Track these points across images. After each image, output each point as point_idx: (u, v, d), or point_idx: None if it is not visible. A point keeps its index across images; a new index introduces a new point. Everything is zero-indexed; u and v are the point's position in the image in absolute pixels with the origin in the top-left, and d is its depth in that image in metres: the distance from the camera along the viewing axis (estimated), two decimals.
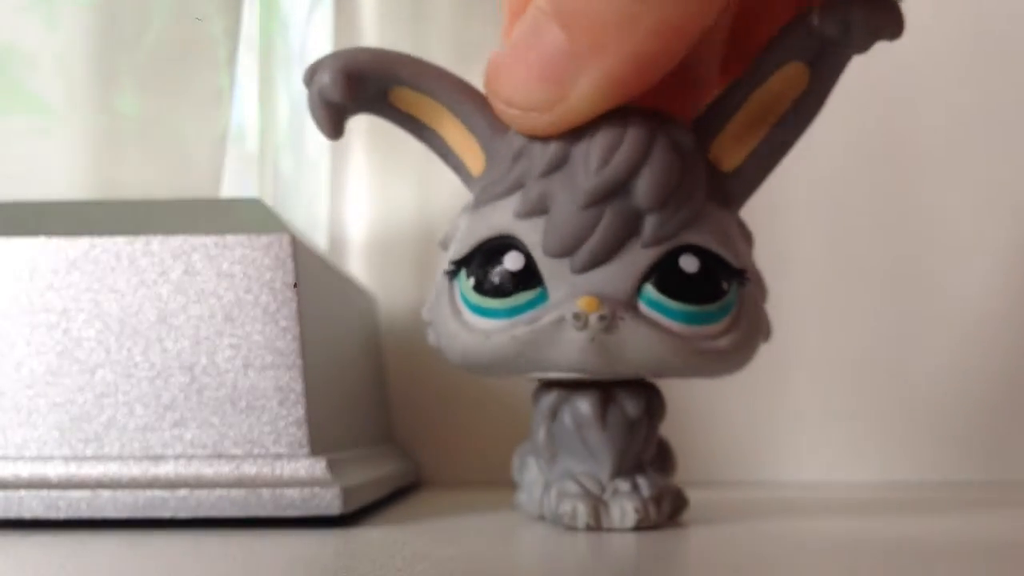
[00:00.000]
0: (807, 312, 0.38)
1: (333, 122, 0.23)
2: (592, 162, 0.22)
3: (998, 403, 0.38)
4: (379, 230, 0.39)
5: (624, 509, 0.24)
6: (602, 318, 0.22)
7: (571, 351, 0.22)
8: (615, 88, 0.21)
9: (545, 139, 0.22)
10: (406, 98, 0.23)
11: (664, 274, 0.22)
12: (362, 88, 0.23)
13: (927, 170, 0.39)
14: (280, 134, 0.37)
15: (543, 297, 0.22)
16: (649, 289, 0.22)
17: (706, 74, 0.25)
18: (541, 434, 0.25)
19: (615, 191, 0.22)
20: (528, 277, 0.22)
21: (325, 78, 0.23)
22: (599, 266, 0.22)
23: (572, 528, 0.24)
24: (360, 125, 0.39)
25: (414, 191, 0.39)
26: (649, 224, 0.22)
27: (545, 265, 0.22)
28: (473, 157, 0.24)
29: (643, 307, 0.22)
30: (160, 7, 0.32)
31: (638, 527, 0.23)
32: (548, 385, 0.25)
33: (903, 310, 0.39)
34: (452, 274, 0.23)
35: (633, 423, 0.24)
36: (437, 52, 0.38)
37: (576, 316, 0.22)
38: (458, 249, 0.23)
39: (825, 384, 0.38)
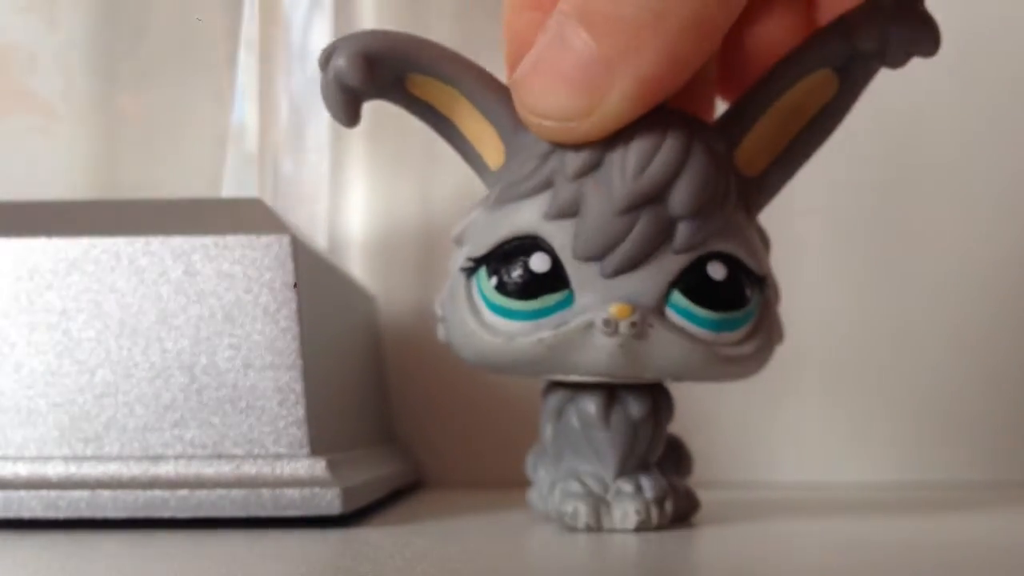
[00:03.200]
0: (808, 312, 0.38)
1: (349, 108, 0.22)
2: (629, 167, 0.21)
3: (999, 403, 0.38)
4: (379, 230, 0.39)
5: (626, 511, 0.23)
6: (633, 325, 0.21)
7: (599, 356, 0.22)
8: (651, 89, 0.21)
9: None
10: (424, 85, 0.23)
11: (692, 281, 0.22)
12: (379, 72, 0.22)
13: (929, 170, 0.39)
14: (280, 134, 0.37)
15: (569, 300, 0.22)
16: (677, 296, 0.22)
17: (711, 71, 0.25)
18: (547, 433, 0.25)
19: (651, 198, 0.21)
20: (554, 279, 0.22)
21: (341, 61, 0.22)
22: (629, 271, 0.22)
23: (573, 528, 0.24)
24: (360, 124, 0.39)
25: (415, 191, 0.39)
26: (682, 231, 0.22)
27: (573, 268, 0.22)
28: (492, 150, 0.23)
29: (671, 313, 0.22)
30: (160, 7, 0.32)
31: (638, 529, 0.23)
32: (555, 384, 0.25)
33: (904, 311, 0.39)
34: (470, 271, 0.23)
35: (637, 424, 0.24)
36: None
37: (606, 322, 0.21)
38: (477, 246, 0.23)
39: (826, 384, 0.38)
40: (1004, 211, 0.39)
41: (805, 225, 0.38)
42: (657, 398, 0.24)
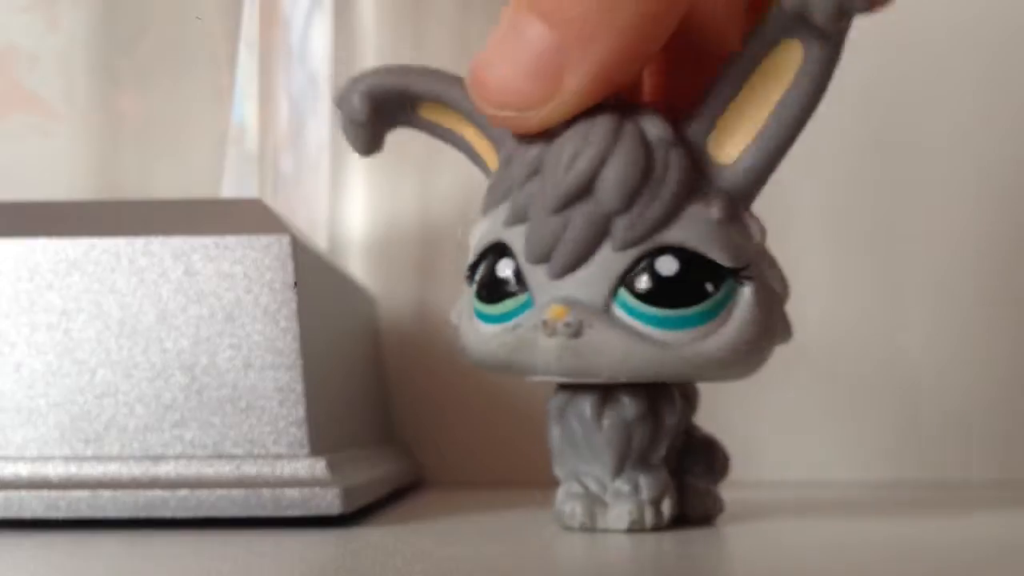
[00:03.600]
0: (806, 310, 0.38)
1: (364, 142, 0.24)
2: (560, 166, 0.22)
3: (998, 403, 0.38)
4: (379, 230, 0.39)
5: (620, 511, 0.23)
6: (567, 325, 0.21)
7: (548, 358, 0.22)
8: (606, 76, 0.21)
9: (527, 145, 0.22)
10: (432, 109, 0.24)
11: (639, 278, 0.22)
12: (388, 107, 0.24)
13: (927, 167, 0.39)
14: (280, 134, 0.37)
15: (530, 303, 0.22)
16: (624, 293, 0.22)
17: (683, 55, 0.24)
18: (554, 434, 0.25)
19: (580, 194, 0.21)
20: (518, 283, 0.23)
21: (353, 102, 0.24)
22: (573, 271, 0.22)
23: (569, 528, 0.24)
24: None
25: (415, 191, 0.39)
26: (618, 226, 0.21)
27: (529, 272, 0.22)
28: (493, 161, 0.24)
29: (618, 312, 0.22)
30: (160, 7, 0.32)
31: (630, 530, 0.23)
32: (561, 386, 0.25)
33: (903, 309, 0.39)
34: (469, 279, 0.24)
35: (632, 423, 0.24)
36: (437, 52, 0.38)
37: (545, 324, 0.22)
38: (471, 255, 0.24)
39: (825, 383, 0.38)
40: (1001, 207, 0.39)
41: (802, 223, 0.38)
42: (656, 396, 0.24)
